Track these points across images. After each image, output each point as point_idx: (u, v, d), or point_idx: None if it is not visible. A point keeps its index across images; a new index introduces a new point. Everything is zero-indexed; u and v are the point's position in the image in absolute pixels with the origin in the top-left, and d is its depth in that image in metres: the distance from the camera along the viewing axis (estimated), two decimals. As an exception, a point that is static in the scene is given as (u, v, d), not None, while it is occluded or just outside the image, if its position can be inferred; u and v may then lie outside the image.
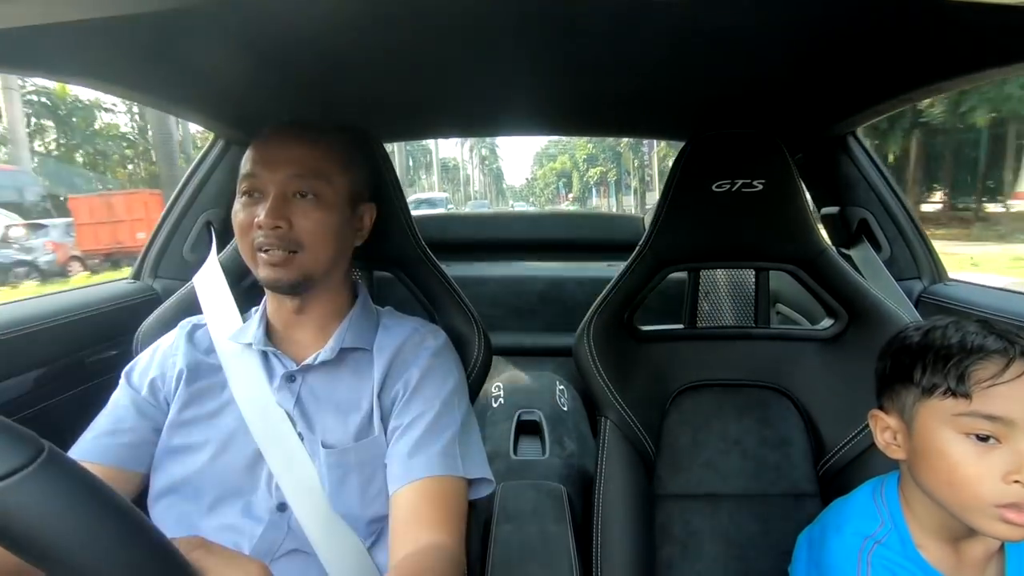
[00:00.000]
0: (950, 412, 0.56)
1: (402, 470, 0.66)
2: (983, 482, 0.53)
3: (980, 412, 0.54)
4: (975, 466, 0.54)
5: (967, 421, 0.55)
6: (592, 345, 0.90)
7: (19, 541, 0.31)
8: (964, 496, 0.55)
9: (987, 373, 0.55)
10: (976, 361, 0.56)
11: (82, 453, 0.65)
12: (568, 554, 0.84)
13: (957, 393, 0.55)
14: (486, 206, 37.63)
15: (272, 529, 0.64)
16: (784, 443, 0.93)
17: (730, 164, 0.88)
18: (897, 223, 1.22)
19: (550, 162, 53.20)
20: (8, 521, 0.31)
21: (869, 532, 0.62)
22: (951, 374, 0.56)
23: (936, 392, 0.57)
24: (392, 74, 0.86)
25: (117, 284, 1.22)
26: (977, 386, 0.55)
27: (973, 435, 0.54)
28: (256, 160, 0.69)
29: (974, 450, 0.54)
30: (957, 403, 0.56)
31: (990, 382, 0.54)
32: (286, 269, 0.68)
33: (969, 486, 0.54)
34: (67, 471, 0.33)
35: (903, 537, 0.61)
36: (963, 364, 0.56)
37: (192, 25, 0.67)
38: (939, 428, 0.57)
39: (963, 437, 0.55)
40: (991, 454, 0.54)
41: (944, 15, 0.59)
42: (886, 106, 0.96)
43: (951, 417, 0.56)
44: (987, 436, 0.54)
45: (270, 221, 0.66)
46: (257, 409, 0.67)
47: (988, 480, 0.53)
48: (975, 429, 0.54)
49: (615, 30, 0.70)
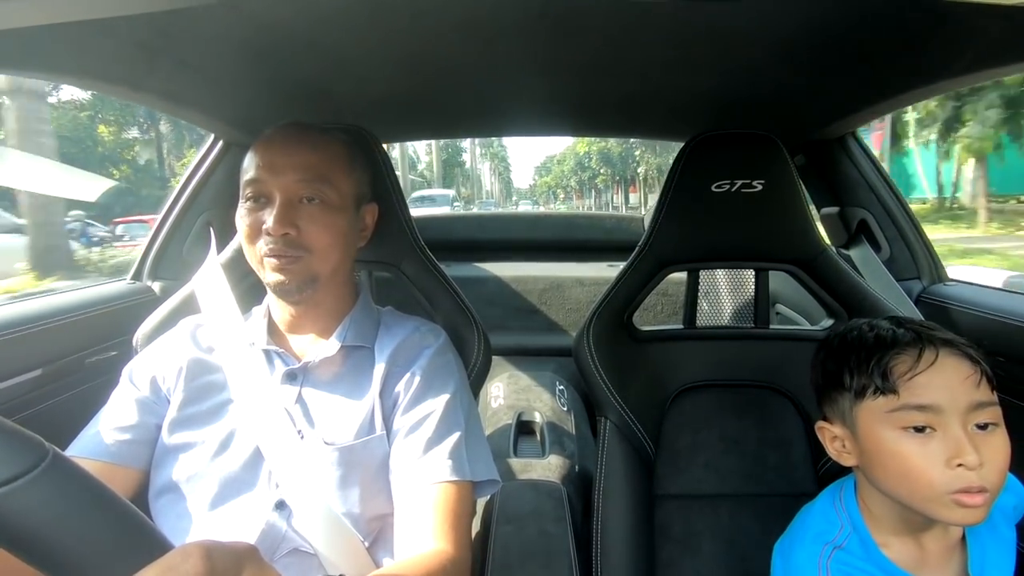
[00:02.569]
0: (883, 410, 0.57)
1: (408, 475, 0.66)
2: (931, 472, 0.54)
3: (910, 404, 0.56)
4: (920, 457, 0.55)
5: (901, 415, 0.56)
6: (592, 345, 0.90)
7: (23, 545, 0.31)
8: (919, 488, 0.55)
9: (905, 366, 0.57)
10: (893, 356, 0.57)
11: (82, 450, 0.65)
12: (568, 554, 0.84)
13: (885, 390, 0.57)
14: (493, 204, 40.44)
15: (272, 528, 0.64)
16: (784, 443, 0.93)
17: (730, 164, 0.88)
18: (896, 223, 1.22)
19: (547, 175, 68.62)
20: (12, 525, 0.31)
21: (829, 538, 0.62)
22: (875, 373, 0.58)
23: (867, 393, 0.58)
24: (392, 74, 0.86)
25: (116, 284, 1.22)
26: (900, 379, 0.56)
27: (911, 428, 0.56)
28: (260, 165, 0.69)
29: (915, 442, 0.55)
30: (888, 400, 0.57)
31: (910, 374, 0.56)
32: (294, 273, 0.68)
33: (920, 478, 0.55)
34: (71, 475, 0.33)
35: (864, 539, 0.61)
36: (883, 361, 0.58)
37: (192, 25, 0.67)
38: (879, 427, 0.58)
39: (902, 432, 0.56)
40: (931, 443, 0.55)
41: (944, 15, 0.60)
42: (886, 106, 0.96)
43: (886, 415, 0.57)
44: (923, 427, 0.55)
45: (279, 228, 0.66)
46: (258, 407, 0.67)
47: (935, 469, 0.54)
48: (910, 422, 0.56)
49: (615, 30, 0.70)
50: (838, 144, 1.22)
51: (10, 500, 0.30)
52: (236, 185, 0.73)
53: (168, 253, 1.25)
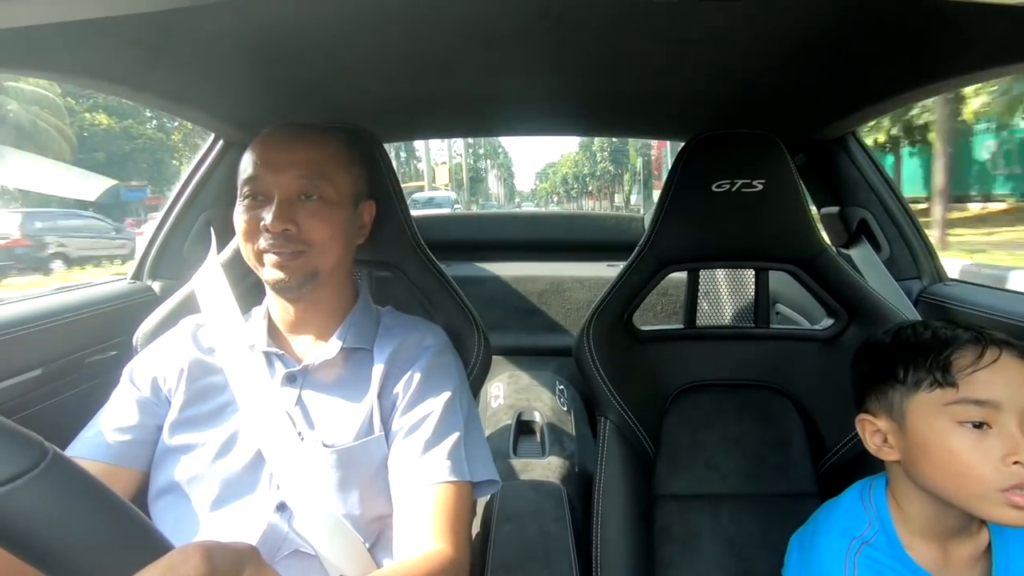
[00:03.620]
0: (940, 402, 0.57)
1: (407, 476, 0.66)
2: (984, 467, 0.54)
3: (969, 398, 0.55)
4: (974, 452, 0.54)
5: (958, 409, 0.56)
6: (592, 345, 0.90)
7: (23, 544, 0.31)
8: (968, 484, 0.55)
9: (966, 361, 0.56)
10: (954, 351, 0.57)
11: (82, 450, 0.65)
12: (568, 554, 0.84)
13: (944, 383, 0.57)
14: (495, 206, 42.53)
15: (273, 530, 0.64)
16: (784, 443, 0.93)
17: (730, 164, 0.88)
18: (897, 223, 1.22)
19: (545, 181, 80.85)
20: (12, 524, 0.31)
21: (856, 533, 0.62)
22: (934, 366, 0.57)
23: (923, 385, 0.58)
24: (392, 74, 0.86)
25: (116, 284, 1.22)
26: (960, 373, 0.56)
27: (968, 423, 0.55)
28: (258, 163, 0.69)
29: (970, 437, 0.55)
30: (945, 393, 0.57)
31: (971, 368, 0.56)
32: (293, 269, 0.68)
33: (972, 473, 0.54)
34: (72, 475, 0.33)
35: (890, 538, 0.61)
36: (943, 354, 0.57)
37: (192, 25, 0.67)
38: (933, 420, 0.57)
39: (958, 426, 0.56)
40: (987, 439, 0.54)
41: (944, 15, 0.60)
42: (886, 106, 0.96)
43: (942, 407, 0.57)
44: (980, 423, 0.55)
45: (278, 224, 0.66)
46: (258, 409, 0.67)
47: (989, 465, 0.54)
48: (968, 417, 0.55)
49: (615, 30, 0.70)
50: (838, 144, 1.22)
51: (10, 500, 0.30)
52: (236, 185, 0.72)
53: (168, 252, 1.25)
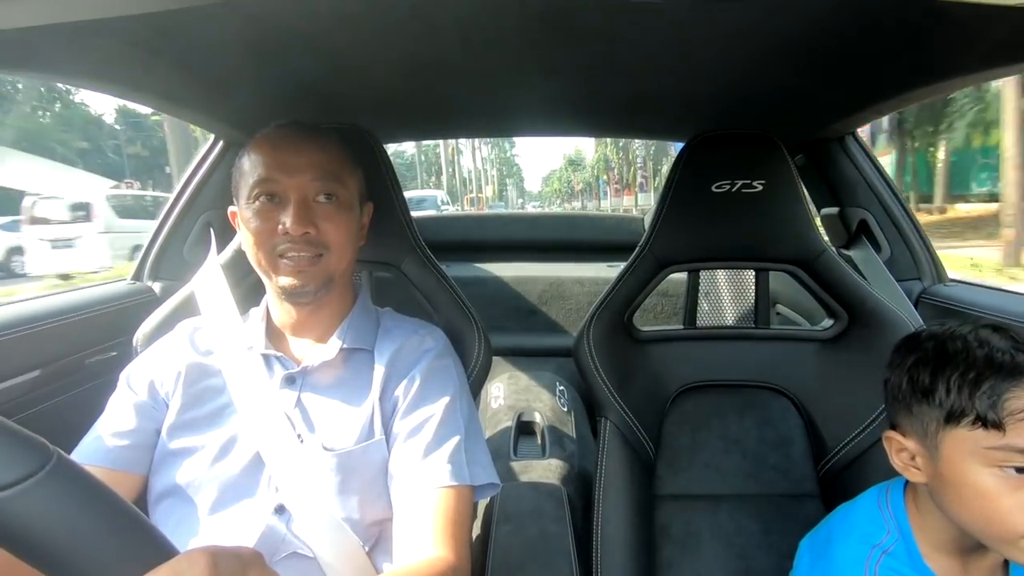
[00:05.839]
0: (981, 444, 0.51)
1: (408, 480, 0.66)
2: (1017, 515, 0.50)
3: (1015, 446, 0.49)
4: (1009, 499, 0.50)
5: (1001, 455, 0.50)
6: (592, 346, 0.90)
7: (27, 547, 0.31)
8: (996, 528, 0.51)
9: (1020, 403, 0.49)
10: (1010, 387, 0.50)
11: (83, 456, 0.65)
12: (568, 555, 0.84)
13: (988, 424, 0.50)
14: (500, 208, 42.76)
15: (272, 532, 0.64)
16: (784, 443, 0.93)
17: (730, 164, 0.88)
18: (897, 224, 1.22)
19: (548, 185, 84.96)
20: (17, 527, 0.31)
21: (876, 541, 0.60)
22: (982, 401, 0.50)
23: (964, 420, 0.52)
24: (392, 74, 0.86)
25: (116, 285, 1.22)
26: (1010, 417, 0.49)
27: (1011, 468, 0.50)
28: (271, 164, 0.68)
29: (1008, 483, 0.50)
30: (988, 435, 0.50)
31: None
32: (310, 275, 0.68)
33: (1003, 520, 0.50)
34: (77, 478, 0.33)
35: (910, 548, 0.59)
36: (996, 391, 0.50)
37: (192, 25, 0.67)
38: (969, 460, 0.52)
39: (996, 470, 0.50)
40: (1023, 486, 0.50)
41: (944, 15, 0.59)
42: (886, 106, 0.96)
43: (982, 450, 0.51)
44: (1021, 468, 0.50)
45: (299, 227, 0.66)
46: (257, 412, 0.67)
47: (1022, 513, 0.49)
48: (1011, 462, 0.50)
49: (614, 31, 0.70)
50: (838, 144, 1.22)
51: (15, 503, 0.31)
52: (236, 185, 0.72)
53: (168, 253, 1.25)
